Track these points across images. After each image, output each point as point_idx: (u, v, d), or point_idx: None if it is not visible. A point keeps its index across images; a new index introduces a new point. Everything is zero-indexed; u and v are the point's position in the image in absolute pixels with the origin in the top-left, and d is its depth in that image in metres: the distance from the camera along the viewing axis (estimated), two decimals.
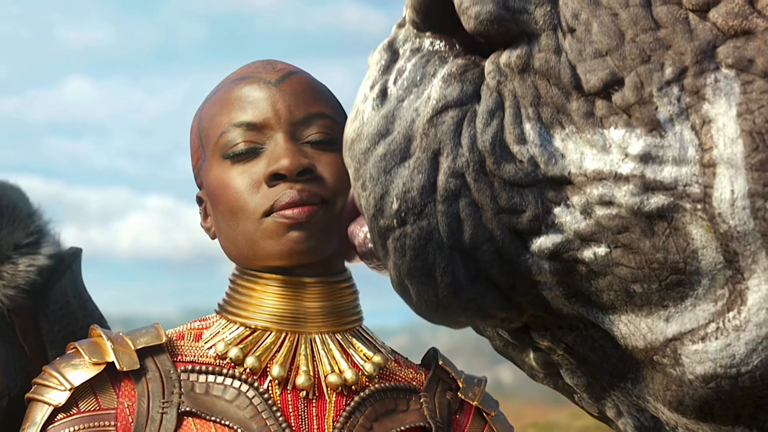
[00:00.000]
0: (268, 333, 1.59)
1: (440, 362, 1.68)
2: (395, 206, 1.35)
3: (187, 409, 1.54)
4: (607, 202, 1.31)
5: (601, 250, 1.32)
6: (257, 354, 1.57)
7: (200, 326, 1.64)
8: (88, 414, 1.55)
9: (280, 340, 1.59)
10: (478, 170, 1.33)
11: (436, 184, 1.34)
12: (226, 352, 1.58)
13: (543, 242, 1.34)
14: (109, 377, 1.56)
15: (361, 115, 1.40)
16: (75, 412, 1.55)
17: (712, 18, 1.31)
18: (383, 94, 1.40)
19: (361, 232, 1.49)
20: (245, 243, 1.57)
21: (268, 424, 1.54)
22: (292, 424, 1.55)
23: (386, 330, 1.64)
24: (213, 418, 1.54)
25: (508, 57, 1.35)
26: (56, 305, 1.81)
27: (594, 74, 1.32)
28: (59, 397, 1.55)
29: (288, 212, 1.54)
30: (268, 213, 1.55)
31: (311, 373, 1.57)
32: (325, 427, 1.56)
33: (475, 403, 1.66)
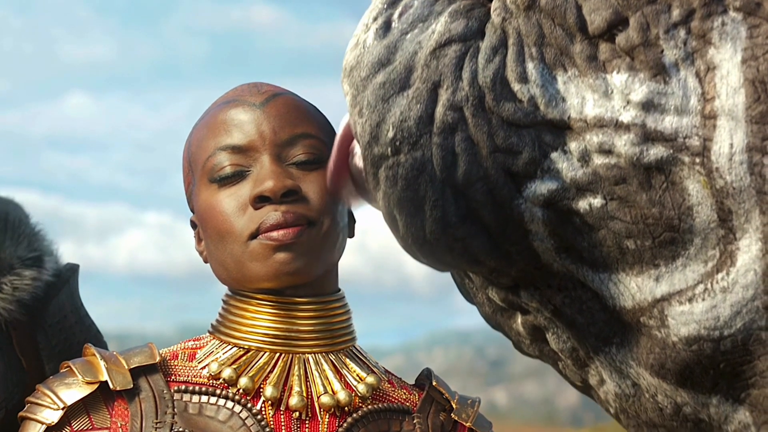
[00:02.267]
0: (261, 353, 1.59)
1: (434, 383, 1.68)
2: (390, 134, 1.34)
3: (180, 429, 1.54)
4: (607, 151, 1.30)
5: (597, 202, 1.31)
6: (251, 374, 1.57)
7: (194, 346, 1.64)
8: None
9: (274, 361, 1.59)
10: (477, 105, 1.32)
11: (433, 115, 1.33)
12: (220, 372, 1.58)
13: (537, 188, 1.32)
14: (102, 396, 1.56)
15: (361, 44, 1.39)
16: (68, 431, 1.55)
17: None
18: (387, 26, 1.39)
19: (356, 156, 1.46)
20: (234, 265, 1.58)
21: None
22: None
23: (381, 350, 1.64)
24: None
25: None
26: (54, 320, 1.81)
27: (598, 14, 1.30)
28: (52, 416, 1.55)
29: (273, 234, 1.54)
30: (254, 235, 1.55)
31: (304, 394, 1.57)
32: None
33: (468, 424, 1.66)
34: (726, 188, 1.26)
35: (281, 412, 1.57)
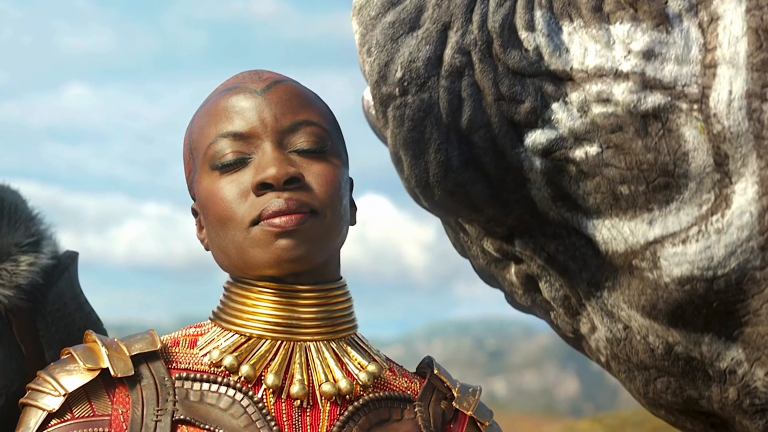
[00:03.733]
0: (263, 341, 1.59)
1: (435, 371, 1.68)
2: (399, 74, 1.34)
3: (182, 417, 1.54)
4: (605, 100, 1.31)
5: (593, 150, 1.32)
6: (252, 362, 1.57)
7: (195, 333, 1.64)
8: (82, 420, 1.54)
9: (275, 349, 1.59)
10: (485, 51, 1.33)
11: (442, 58, 1.33)
12: (221, 360, 1.58)
13: (537, 137, 1.33)
14: (103, 383, 1.56)
15: None
16: (69, 417, 1.55)
17: None
18: None
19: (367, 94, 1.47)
20: (235, 252, 1.57)
21: None
22: None
23: (380, 341, 1.64)
24: (207, 427, 1.53)
25: None
26: (53, 307, 1.81)
27: None
28: (53, 403, 1.55)
29: (275, 221, 1.54)
30: (255, 222, 1.55)
31: (306, 382, 1.57)
32: None
33: (469, 412, 1.66)
34: (723, 133, 1.27)
35: (282, 400, 1.57)
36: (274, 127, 1.58)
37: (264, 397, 1.56)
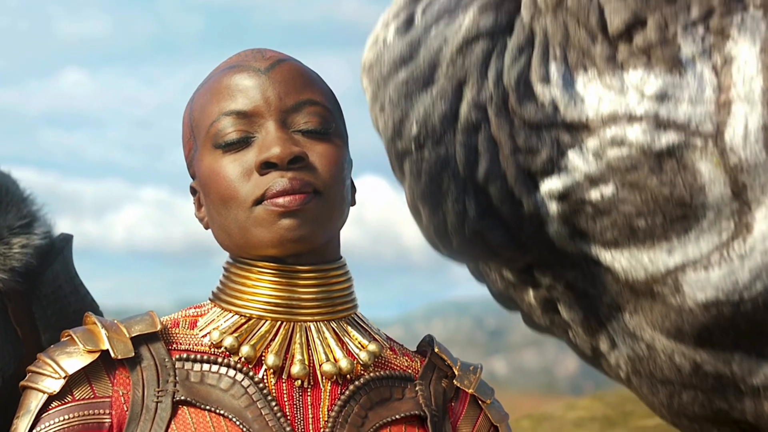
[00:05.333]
0: (263, 322, 1.59)
1: (436, 349, 1.68)
2: (414, 131, 1.35)
3: (182, 398, 1.53)
4: (619, 142, 1.31)
5: (609, 190, 1.33)
6: (252, 343, 1.57)
7: (195, 313, 1.63)
8: (82, 402, 1.54)
9: (275, 329, 1.58)
10: (501, 106, 1.33)
11: (457, 113, 1.34)
12: (221, 340, 1.57)
13: (554, 184, 1.34)
14: (103, 365, 1.56)
15: (381, 41, 1.40)
16: (69, 400, 1.54)
17: None
18: (409, 22, 1.39)
19: None
20: (237, 231, 1.57)
21: (263, 413, 1.53)
22: (287, 414, 1.55)
23: (380, 321, 1.64)
24: (208, 407, 1.53)
25: None
26: (48, 289, 1.81)
27: (617, 15, 1.32)
28: (54, 385, 1.54)
29: (279, 200, 1.53)
30: (259, 201, 1.54)
31: (306, 362, 1.57)
32: (320, 416, 1.56)
33: (470, 390, 1.66)
34: (740, 164, 1.28)
35: (283, 381, 1.56)
36: (277, 107, 1.57)
37: (265, 377, 1.56)
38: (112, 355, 1.55)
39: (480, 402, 1.66)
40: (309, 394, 1.56)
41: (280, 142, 1.55)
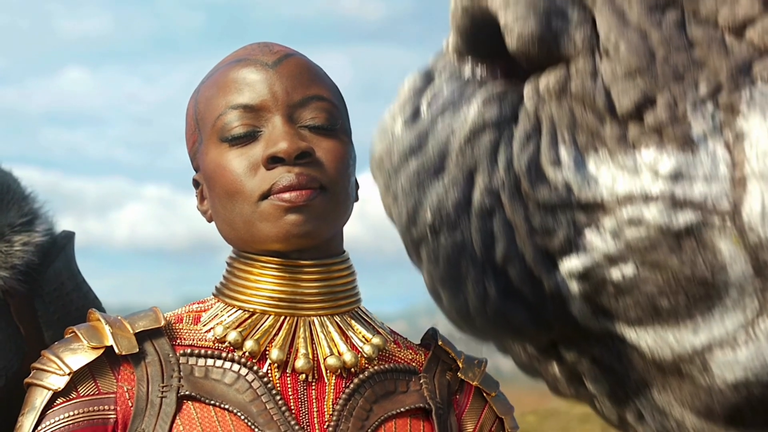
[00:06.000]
0: (266, 316, 1.59)
1: (440, 342, 1.68)
2: (429, 218, 1.37)
3: (187, 392, 1.54)
4: (636, 222, 1.32)
5: (629, 270, 1.34)
6: (256, 337, 1.57)
7: (198, 309, 1.64)
8: (87, 398, 1.54)
9: (279, 323, 1.59)
10: (513, 191, 1.35)
11: (471, 200, 1.36)
12: (225, 335, 1.58)
13: (573, 264, 1.36)
14: (108, 361, 1.56)
15: (389, 134, 1.41)
16: (74, 396, 1.55)
17: (748, 37, 1.31)
18: (415, 114, 1.41)
19: None
20: (242, 226, 1.57)
21: (268, 407, 1.54)
22: (292, 408, 1.55)
23: (383, 316, 1.65)
24: (212, 402, 1.54)
25: (546, 80, 1.36)
26: (51, 287, 1.81)
27: (626, 95, 1.33)
28: (58, 382, 1.55)
29: (286, 195, 1.54)
30: (265, 196, 1.55)
31: (310, 356, 1.57)
32: (325, 409, 1.56)
33: (475, 383, 1.67)
34: (760, 242, 1.29)
35: (287, 375, 1.57)
36: (284, 101, 1.58)
37: (269, 371, 1.56)
38: (117, 351, 1.55)
39: (485, 394, 1.67)
40: (313, 387, 1.57)
41: (288, 137, 1.55)
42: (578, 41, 1.35)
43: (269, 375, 1.56)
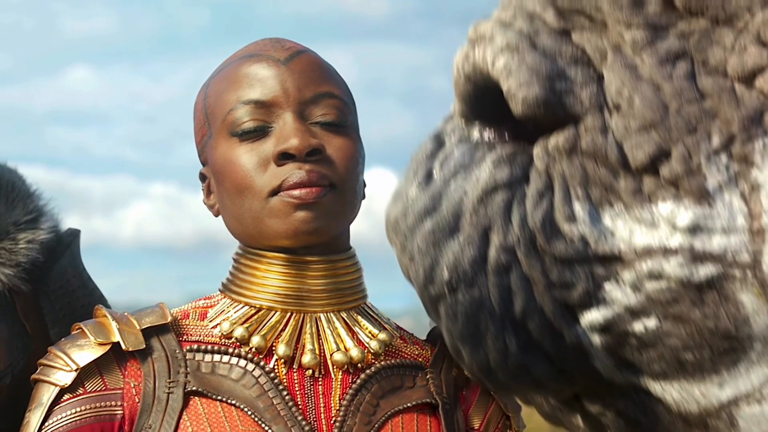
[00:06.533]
0: (273, 312, 1.59)
1: None
2: (446, 276, 1.38)
3: (194, 388, 1.54)
4: (657, 276, 1.32)
5: (652, 323, 1.34)
6: (263, 333, 1.58)
7: (205, 305, 1.64)
8: (94, 394, 1.55)
9: (285, 319, 1.59)
10: (529, 246, 1.36)
11: (486, 257, 1.37)
12: (232, 331, 1.58)
13: (594, 316, 1.35)
14: (115, 357, 1.56)
15: (404, 196, 1.44)
16: (81, 392, 1.55)
17: (758, 86, 1.31)
18: (428, 177, 1.43)
19: None
20: (251, 221, 1.57)
21: (275, 403, 1.54)
22: (299, 403, 1.55)
23: (389, 313, 1.66)
24: (219, 398, 1.54)
25: (555, 140, 1.36)
26: (56, 284, 1.81)
27: (640, 149, 1.33)
28: (65, 378, 1.55)
29: (296, 192, 1.54)
30: (275, 192, 1.55)
31: (317, 352, 1.58)
32: (332, 405, 1.56)
33: None
34: None
35: (294, 370, 1.57)
36: (296, 98, 1.58)
37: (276, 367, 1.57)
38: (123, 347, 1.56)
39: (491, 391, 1.67)
40: (320, 383, 1.57)
41: (299, 133, 1.55)
42: (585, 99, 1.35)
43: (276, 370, 1.56)
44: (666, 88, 1.33)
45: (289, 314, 1.59)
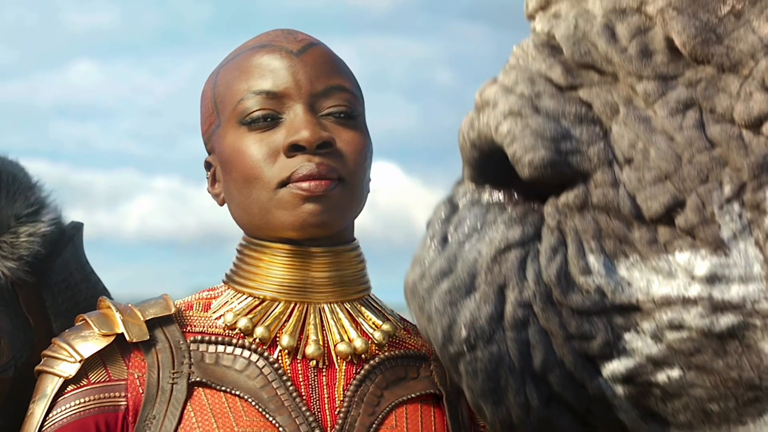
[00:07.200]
0: (276, 303, 1.60)
1: None
2: (464, 334, 1.39)
3: (198, 379, 1.55)
4: (677, 326, 1.33)
5: (675, 373, 1.34)
6: (266, 324, 1.58)
7: (209, 296, 1.64)
8: (98, 385, 1.55)
9: (289, 310, 1.59)
10: (546, 300, 1.37)
11: (503, 313, 1.38)
12: (235, 322, 1.58)
13: (616, 367, 1.36)
14: (118, 348, 1.57)
15: (422, 261, 1.45)
16: (85, 383, 1.55)
17: (765, 132, 1.32)
18: (444, 241, 1.44)
19: None
20: (258, 212, 1.57)
21: (279, 393, 1.54)
22: (303, 394, 1.55)
23: (393, 306, 1.67)
24: (223, 388, 1.54)
25: (565, 197, 1.37)
26: (59, 277, 1.81)
27: (655, 200, 1.34)
28: (69, 369, 1.55)
29: (305, 184, 1.54)
30: (284, 183, 1.55)
31: (321, 343, 1.58)
32: (336, 396, 1.57)
33: None
34: None
35: (298, 361, 1.57)
36: (308, 90, 1.58)
37: (279, 357, 1.57)
38: (127, 338, 1.56)
39: None
40: (324, 374, 1.57)
41: (310, 126, 1.55)
42: (593, 156, 1.36)
43: (280, 361, 1.57)
44: (678, 138, 1.34)
45: (292, 305, 1.59)
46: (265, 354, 1.57)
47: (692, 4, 1.35)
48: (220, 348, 1.57)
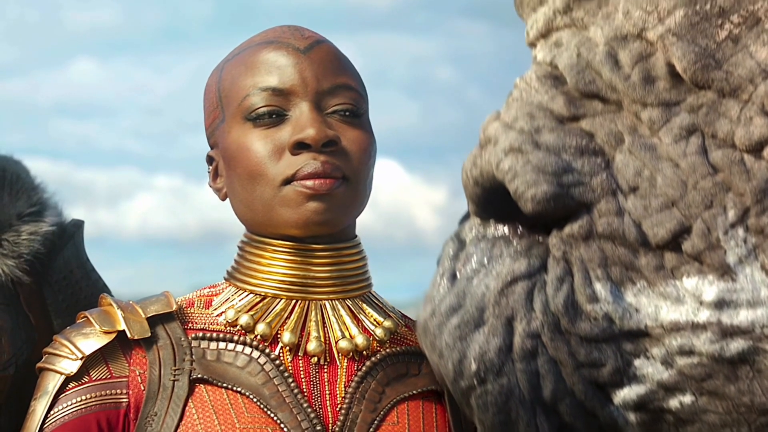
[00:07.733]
0: (278, 300, 1.60)
1: None
2: (474, 367, 1.39)
3: (199, 376, 1.55)
4: (688, 352, 1.33)
5: (687, 399, 1.34)
6: (268, 321, 1.58)
7: (210, 293, 1.64)
8: (99, 382, 1.55)
9: (291, 307, 1.59)
10: (554, 330, 1.37)
11: (512, 345, 1.39)
12: (237, 319, 1.58)
13: (627, 394, 1.36)
14: (120, 346, 1.57)
15: (433, 299, 1.46)
16: (86, 380, 1.55)
17: (766, 156, 1.33)
18: (453, 277, 1.46)
19: None
20: (261, 209, 1.57)
21: (280, 390, 1.54)
22: (304, 390, 1.56)
23: (395, 304, 1.68)
24: (225, 385, 1.54)
25: (570, 228, 1.38)
26: (60, 275, 1.81)
27: (662, 226, 1.34)
28: (71, 366, 1.55)
29: (309, 182, 1.54)
30: (288, 181, 1.55)
31: (322, 339, 1.58)
32: (337, 392, 1.57)
33: None
34: None
35: (299, 358, 1.57)
36: (314, 88, 1.58)
37: (281, 354, 1.57)
38: (129, 335, 1.56)
39: None
40: (325, 370, 1.57)
41: (315, 124, 1.56)
42: (596, 187, 1.37)
43: (281, 358, 1.57)
44: (682, 164, 1.35)
45: (294, 302, 1.60)
46: (267, 351, 1.57)
47: (691, 29, 1.36)
48: (222, 345, 1.57)
